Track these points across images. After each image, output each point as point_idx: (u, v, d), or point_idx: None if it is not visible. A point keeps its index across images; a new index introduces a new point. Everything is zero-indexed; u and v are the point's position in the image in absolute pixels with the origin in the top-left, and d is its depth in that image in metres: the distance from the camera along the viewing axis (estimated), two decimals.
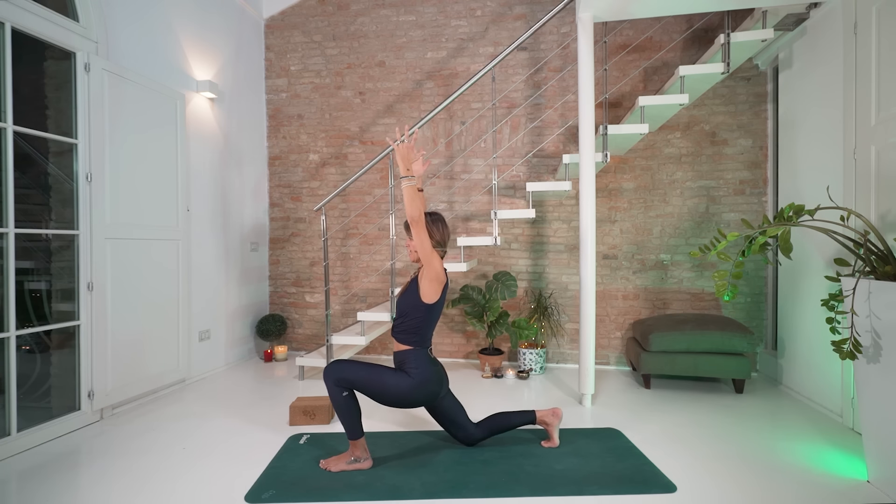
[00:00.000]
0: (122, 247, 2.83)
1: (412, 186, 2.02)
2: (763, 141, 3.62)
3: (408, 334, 2.15)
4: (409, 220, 2.01)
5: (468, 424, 2.28)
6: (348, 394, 2.07)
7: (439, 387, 2.16)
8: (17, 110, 2.36)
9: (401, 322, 2.17)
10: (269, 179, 4.43)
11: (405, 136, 2.08)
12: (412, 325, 2.14)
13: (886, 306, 1.76)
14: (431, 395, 2.14)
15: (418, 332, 2.14)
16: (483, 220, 4.05)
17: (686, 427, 2.57)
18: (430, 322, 2.16)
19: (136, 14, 2.99)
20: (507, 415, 2.34)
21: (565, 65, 3.89)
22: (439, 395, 2.18)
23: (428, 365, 2.13)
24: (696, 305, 3.74)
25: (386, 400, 2.11)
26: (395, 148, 2.06)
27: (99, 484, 2.00)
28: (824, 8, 2.79)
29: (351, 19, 4.22)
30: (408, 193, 2.01)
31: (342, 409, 2.06)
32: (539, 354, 3.63)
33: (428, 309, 2.14)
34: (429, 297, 2.12)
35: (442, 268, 2.14)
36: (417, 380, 2.09)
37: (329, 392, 2.06)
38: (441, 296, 2.17)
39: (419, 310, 2.13)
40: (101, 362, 2.69)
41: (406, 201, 2.01)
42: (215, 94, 3.62)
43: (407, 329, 2.15)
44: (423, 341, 2.17)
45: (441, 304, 2.19)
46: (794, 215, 1.94)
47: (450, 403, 2.25)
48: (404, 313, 2.16)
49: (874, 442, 1.92)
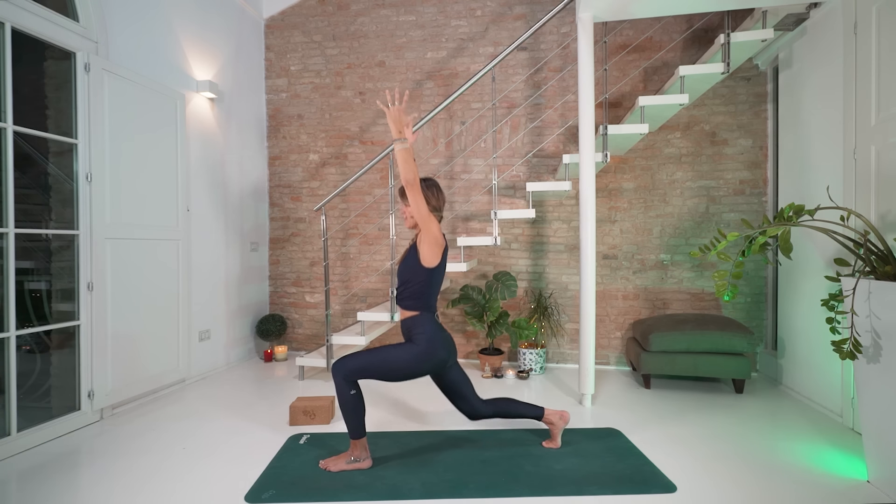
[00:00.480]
0: (122, 247, 2.83)
1: (405, 149, 1.99)
2: (763, 141, 3.62)
3: (412, 300, 2.14)
4: (405, 184, 1.98)
5: (473, 398, 2.26)
6: (356, 392, 2.06)
7: (447, 353, 2.14)
8: (17, 110, 2.36)
9: (403, 289, 2.16)
10: (269, 179, 4.43)
11: (396, 99, 2.06)
12: (415, 290, 2.13)
13: (886, 306, 1.76)
14: (440, 363, 2.12)
15: (422, 297, 2.13)
16: (483, 220, 4.05)
17: (686, 427, 2.57)
18: (432, 287, 2.15)
19: (136, 14, 2.99)
20: (517, 402, 2.32)
21: (565, 65, 3.89)
22: (447, 362, 2.16)
23: (435, 330, 2.12)
24: (696, 305, 3.74)
25: (397, 375, 2.10)
26: (386, 111, 2.04)
27: (99, 484, 2.00)
28: (824, 8, 2.79)
29: (351, 19, 4.22)
30: (401, 156, 1.98)
31: (348, 407, 2.05)
32: (539, 354, 3.63)
33: (429, 273, 2.12)
34: (429, 260, 2.11)
35: (440, 231, 2.12)
36: (423, 346, 2.08)
37: (337, 389, 2.05)
38: (441, 260, 2.15)
39: (420, 274, 2.12)
40: (101, 362, 2.69)
41: (400, 164, 1.98)
42: (215, 94, 3.62)
43: (410, 295, 2.14)
44: (428, 306, 2.16)
45: (442, 268, 2.18)
46: (794, 215, 1.95)
47: (456, 374, 2.24)
48: (406, 280, 2.15)
49: (874, 442, 1.92)
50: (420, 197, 2.02)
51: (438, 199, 2.19)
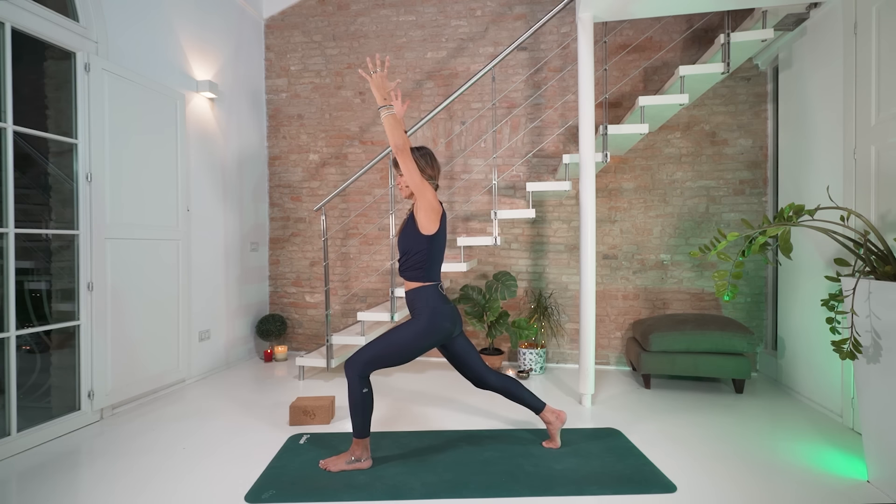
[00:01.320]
0: (122, 247, 2.83)
1: (392, 115, 1.97)
2: (763, 141, 3.62)
3: (414, 270, 2.13)
4: (395, 150, 1.97)
5: (480, 366, 2.26)
6: (367, 391, 2.06)
7: (452, 324, 2.14)
8: (17, 110, 2.36)
9: (405, 260, 2.15)
10: (269, 179, 4.43)
11: (378, 67, 2.04)
12: (416, 260, 2.12)
13: (886, 306, 1.76)
14: (446, 334, 2.13)
15: (423, 266, 2.12)
16: (483, 220, 4.05)
17: (686, 427, 2.57)
18: (434, 255, 2.14)
19: (136, 14, 2.99)
20: (522, 388, 2.32)
21: (565, 65, 3.89)
22: (453, 333, 2.16)
23: (439, 301, 2.12)
24: (696, 305, 3.74)
25: (408, 355, 2.09)
26: (369, 79, 2.02)
27: (99, 484, 2.00)
28: (824, 8, 2.79)
29: (351, 19, 4.22)
30: (388, 123, 1.96)
31: (358, 405, 2.05)
32: (539, 354, 3.63)
33: (429, 241, 2.10)
34: (427, 228, 2.09)
35: (435, 198, 2.09)
36: (426, 320, 2.08)
37: (349, 386, 2.04)
38: (440, 227, 2.13)
39: (420, 243, 2.10)
40: (101, 362, 2.69)
41: (388, 131, 1.96)
42: (215, 94, 3.62)
43: (412, 266, 2.13)
44: (431, 276, 2.14)
45: (442, 236, 2.15)
46: (794, 215, 1.95)
47: (462, 344, 2.24)
48: (406, 250, 2.14)
49: (874, 442, 1.92)
50: (411, 163, 2.00)
51: (433, 167, 2.17)
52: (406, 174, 2.00)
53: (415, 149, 2.14)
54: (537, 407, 2.32)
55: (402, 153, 1.96)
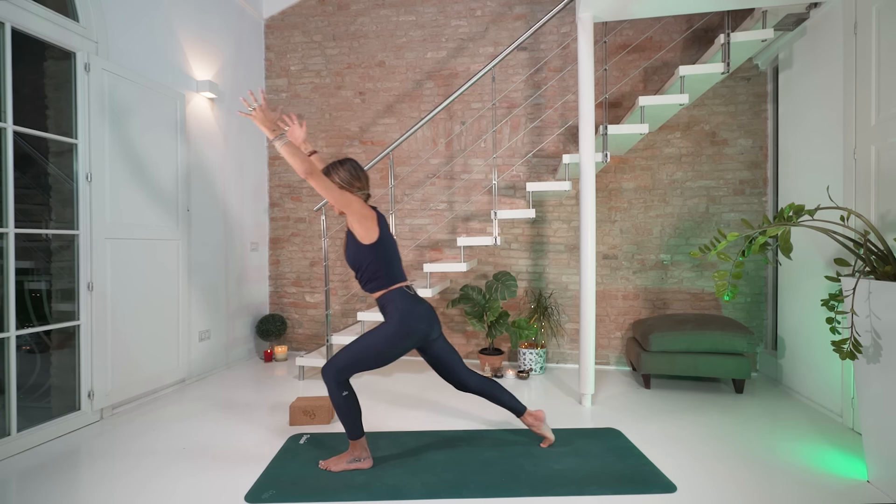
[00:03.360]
0: (122, 247, 2.83)
1: (286, 144, 1.91)
2: (763, 141, 3.62)
3: (373, 282, 2.10)
4: (304, 176, 1.89)
5: (462, 369, 2.22)
6: (348, 393, 2.05)
7: (427, 325, 2.10)
8: (17, 110, 2.36)
9: (360, 276, 2.11)
10: (269, 179, 4.43)
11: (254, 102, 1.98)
12: (371, 272, 2.08)
13: (886, 306, 1.76)
14: (420, 336, 2.09)
15: (380, 276, 2.08)
16: (483, 220, 4.05)
17: (686, 427, 2.57)
18: (387, 260, 2.09)
19: (136, 14, 2.99)
20: (504, 390, 2.29)
21: (565, 65, 3.89)
22: (429, 335, 2.13)
23: (409, 302, 2.08)
24: (696, 305, 3.74)
25: (382, 360, 2.06)
26: (251, 117, 1.98)
27: (99, 484, 2.00)
28: (824, 8, 2.79)
29: (351, 19, 4.22)
30: (286, 152, 1.90)
31: (342, 408, 2.04)
32: (539, 354, 3.63)
33: (374, 249, 2.06)
34: (365, 237, 2.04)
35: (363, 205, 2.04)
36: (397, 323, 2.04)
37: (329, 392, 2.04)
38: (381, 231, 2.07)
39: (368, 254, 2.06)
40: (101, 362, 2.69)
41: (289, 161, 1.90)
42: (215, 94, 3.62)
43: (369, 278, 2.09)
44: (393, 279, 2.10)
45: (387, 239, 2.10)
46: (794, 215, 1.94)
47: (442, 346, 2.20)
48: (357, 266, 2.10)
49: (874, 442, 1.92)
50: (323, 183, 1.93)
51: (360, 178, 2.10)
52: (323, 194, 1.94)
53: (338, 163, 2.10)
54: (518, 410, 2.30)
55: (311, 177, 1.90)
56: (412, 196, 4.13)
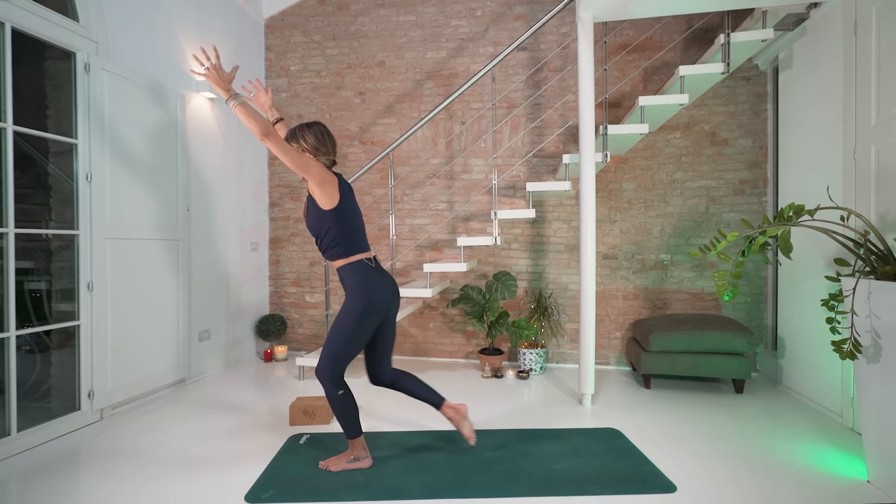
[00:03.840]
0: (122, 247, 2.83)
1: (240, 105, 1.83)
2: (763, 141, 3.62)
3: (333, 249, 2.05)
4: (260, 138, 1.82)
5: (386, 363, 2.20)
6: (343, 392, 2.04)
7: (390, 298, 2.08)
8: (17, 110, 2.36)
9: (320, 242, 2.08)
10: (269, 179, 4.43)
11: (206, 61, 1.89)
12: (330, 238, 2.04)
13: (886, 306, 1.76)
14: (385, 307, 2.06)
15: (340, 242, 2.04)
16: (483, 220, 4.05)
17: (686, 427, 2.57)
18: (347, 228, 2.04)
19: (136, 14, 2.99)
20: (421, 384, 2.24)
21: (565, 65, 3.89)
22: (391, 309, 2.11)
23: (370, 275, 2.04)
24: (696, 305, 3.74)
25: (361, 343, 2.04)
26: (205, 76, 1.91)
27: (99, 484, 2.00)
28: (824, 8, 2.79)
29: (351, 19, 4.22)
30: (240, 113, 1.83)
31: (338, 407, 2.04)
32: (539, 354, 3.63)
33: (334, 214, 2.01)
34: (325, 202, 1.99)
35: (324, 170, 1.99)
36: (361, 300, 2.00)
37: (325, 392, 2.03)
38: (341, 197, 2.02)
39: (326, 220, 2.01)
40: (101, 362, 2.69)
41: (245, 122, 1.83)
42: (215, 95, 3.62)
43: (329, 245, 2.05)
44: (353, 248, 2.06)
45: (348, 206, 2.06)
46: (794, 215, 1.95)
47: (388, 328, 2.17)
48: (317, 232, 2.06)
49: (874, 442, 1.92)
50: (280, 145, 1.84)
51: (326, 143, 2.05)
52: (280, 156, 1.86)
53: (306, 125, 2.04)
54: (436, 402, 2.24)
55: (268, 139, 1.82)
56: (412, 196, 4.13)
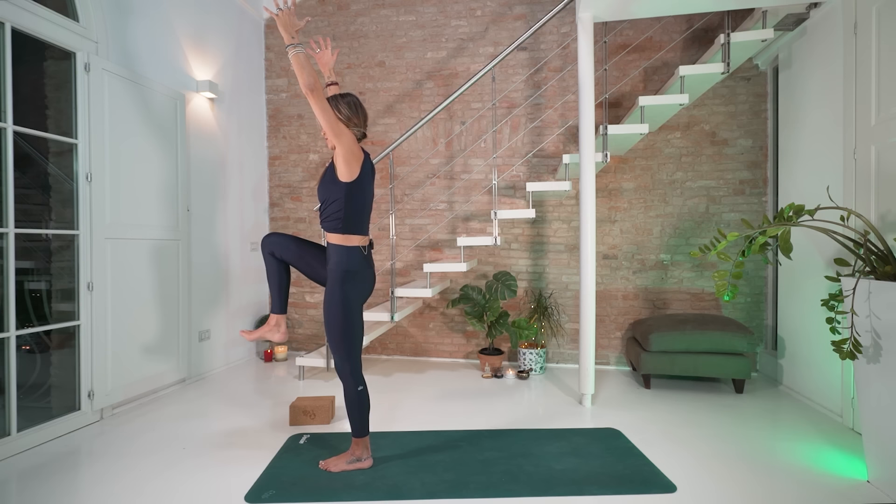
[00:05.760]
0: (122, 247, 2.83)
1: (298, 54, 1.83)
2: (763, 141, 3.62)
3: (332, 221, 2.02)
4: (305, 91, 1.81)
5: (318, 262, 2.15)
6: (363, 388, 2.06)
7: (370, 286, 2.10)
8: (17, 110, 2.36)
9: (323, 209, 2.05)
10: (269, 179, 4.43)
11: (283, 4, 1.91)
12: (334, 209, 2.01)
13: (886, 306, 1.76)
14: (362, 295, 2.07)
15: (341, 217, 2.00)
16: (483, 220, 4.05)
17: (686, 427, 2.57)
18: (353, 206, 2.02)
19: (136, 14, 2.99)
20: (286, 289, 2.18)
21: (565, 65, 3.89)
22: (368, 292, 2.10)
23: (357, 264, 2.03)
24: (696, 305, 3.74)
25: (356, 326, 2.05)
26: (276, 17, 1.91)
27: (99, 484, 2.00)
28: (824, 8, 2.79)
29: (351, 19, 4.22)
30: (296, 62, 1.83)
31: (355, 404, 2.05)
32: (539, 354, 3.63)
33: (347, 189, 1.98)
34: (345, 174, 1.97)
35: (355, 143, 1.99)
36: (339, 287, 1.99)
37: (345, 388, 2.04)
38: (361, 175, 2.01)
39: (338, 190, 1.99)
40: (101, 362, 2.69)
41: (297, 71, 1.82)
42: (215, 94, 3.62)
43: (329, 215, 2.02)
44: (350, 228, 2.03)
45: (364, 185, 2.04)
46: (794, 215, 1.94)
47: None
48: (324, 199, 2.04)
49: (874, 442, 1.92)
50: (322, 104, 1.85)
51: (358, 115, 2.06)
52: (319, 116, 1.87)
53: (340, 95, 2.05)
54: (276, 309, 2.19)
55: (312, 93, 1.81)
56: (412, 196, 4.13)
